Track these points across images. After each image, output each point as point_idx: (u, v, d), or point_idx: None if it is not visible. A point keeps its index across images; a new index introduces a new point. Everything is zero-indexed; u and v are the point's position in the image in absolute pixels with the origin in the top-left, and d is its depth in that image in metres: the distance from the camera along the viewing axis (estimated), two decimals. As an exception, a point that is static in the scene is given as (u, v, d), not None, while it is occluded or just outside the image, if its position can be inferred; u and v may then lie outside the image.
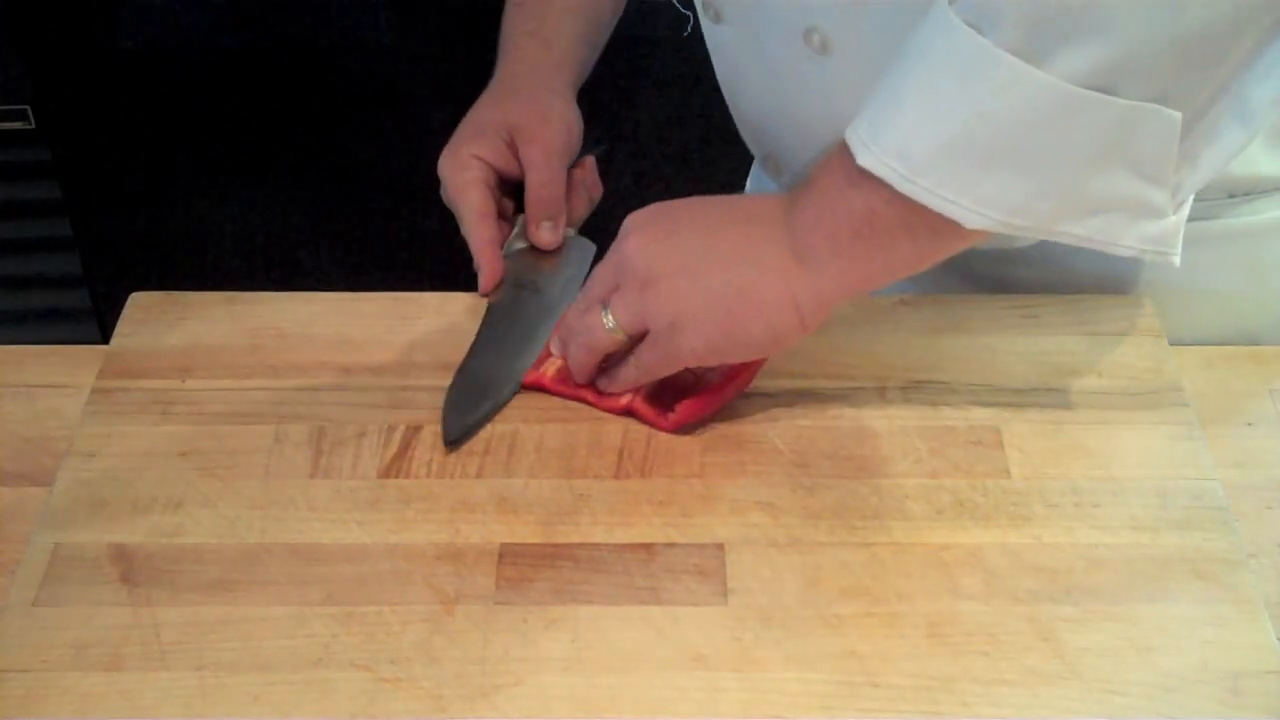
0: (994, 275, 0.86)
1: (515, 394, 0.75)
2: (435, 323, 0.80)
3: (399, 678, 0.62)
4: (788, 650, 0.63)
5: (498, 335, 0.78)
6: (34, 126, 1.57)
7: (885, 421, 0.74)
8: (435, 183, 0.84)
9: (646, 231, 0.71)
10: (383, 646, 0.63)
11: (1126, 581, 0.66)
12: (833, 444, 0.73)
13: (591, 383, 0.74)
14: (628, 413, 0.74)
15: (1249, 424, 0.76)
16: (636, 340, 0.72)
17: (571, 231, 0.85)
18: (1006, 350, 0.78)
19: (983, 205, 0.62)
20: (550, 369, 0.76)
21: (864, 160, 0.63)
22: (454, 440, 0.72)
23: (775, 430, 0.73)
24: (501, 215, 0.84)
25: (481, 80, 0.89)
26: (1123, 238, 0.64)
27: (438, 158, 0.84)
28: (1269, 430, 0.76)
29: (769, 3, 0.79)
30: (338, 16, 1.54)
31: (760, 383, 0.76)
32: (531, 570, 0.66)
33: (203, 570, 0.66)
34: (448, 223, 0.84)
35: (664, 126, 1.59)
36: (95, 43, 1.55)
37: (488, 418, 0.74)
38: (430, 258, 1.60)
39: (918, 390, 0.75)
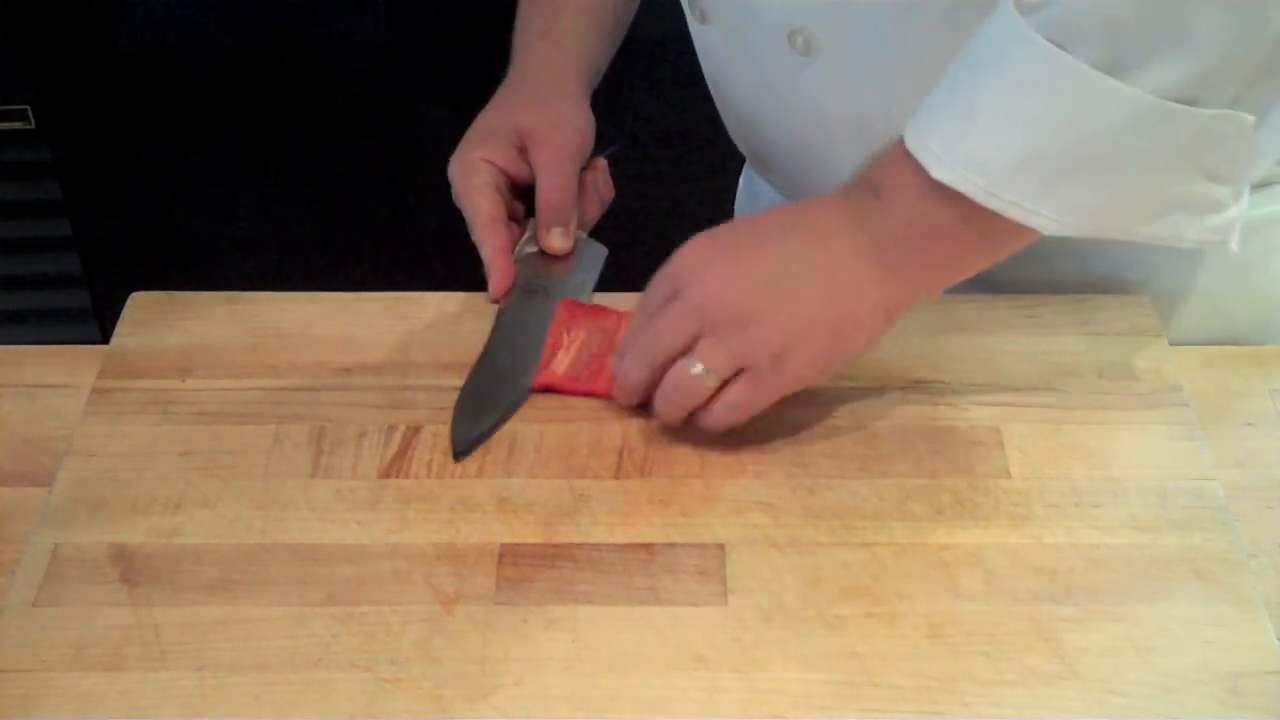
0: (989, 275, 0.86)
1: (525, 400, 0.75)
2: (435, 323, 0.80)
3: (399, 678, 0.62)
4: (788, 650, 0.63)
5: (508, 340, 0.78)
6: (34, 126, 1.57)
7: (885, 421, 0.74)
8: (435, 183, 0.84)
9: (721, 268, 0.69)
10: (383, 646, 0.63)
11: (1127, 581, 0.66)
12: (833, 444, 0.73)
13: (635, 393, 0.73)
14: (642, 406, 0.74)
15: (1249, 424, 0.76)
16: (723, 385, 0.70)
17: (583, 234, 0.84)
18: (1006, 350, 0.78)
19: (1063, 213, 0.63)
20: (560, 367, 0.76)
21: (940, 174, 0.64)
22: (462, 451, 0.72)
23: (775, 430, 0.73)
24: (512, 218, 0.83)
25: (481, 80, 0.88)
26: (1187, 231, 0.65)
27: (437, 158, 0.84)
28: (1269, 430, 0.76)
29: (754, 4, 0.79)
30: (338, 16, 1.54)
31: (760, 383, 0.76)
32: (531, 570, 0.66)
33: (203, 570, 0.66)
34: (448, 223, 0.84)
35: (659, 126, 1.59)
36: (95, 43, 1.55)
37: (497, 426, 0.73)
38: (430, 258, 1.60)
39: (918, 390, 0.75)
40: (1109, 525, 0.68)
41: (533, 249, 0.83)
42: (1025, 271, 0.85)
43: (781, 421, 0.74)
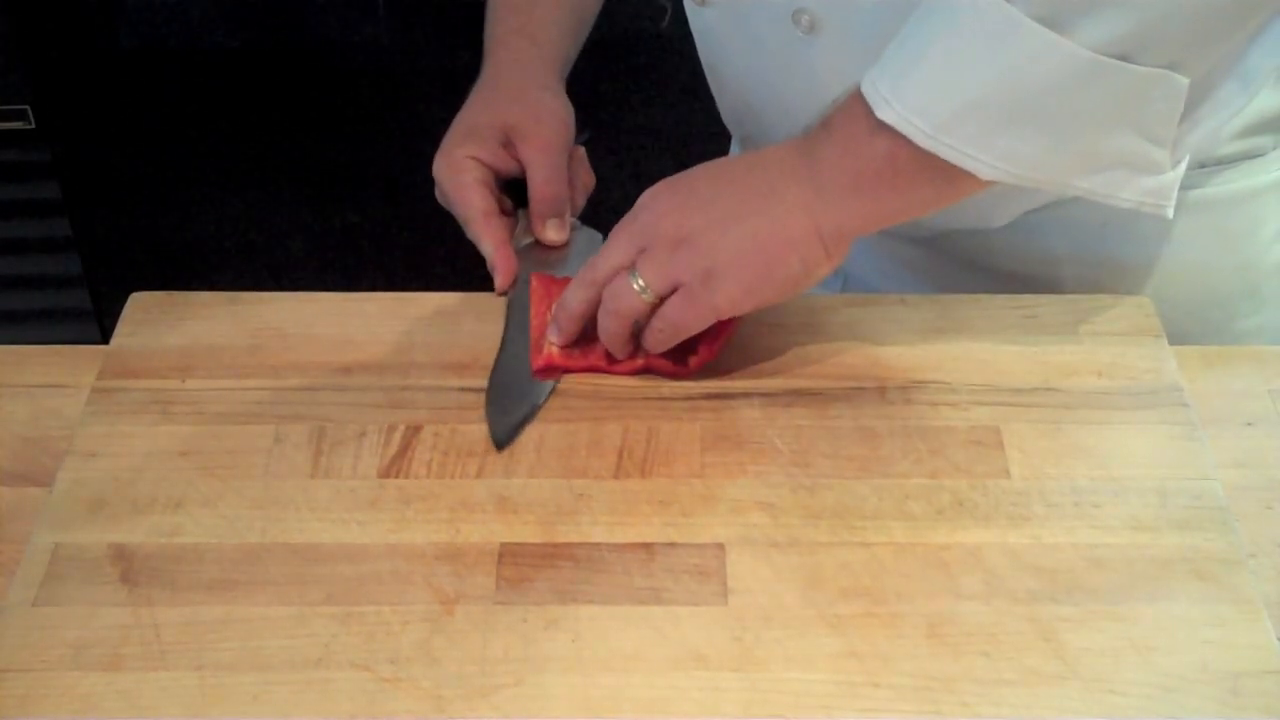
0: (975, 256, 0.87)
1: (555, 387, 0.76)
2: (435, 323, 0.80)
3: (399, 678, 0.62)
4: (788, 650, 0.63)
5: (524, 328, 0.78)
6: (34, 126, 1.58)
7: (885, 421, 0.74)
8: (435, 183, 0.84)
9: (667, 196, 0.73)
10: (383, 646, 0.63)
11: (1126, 581, 0.66)
12: (833, 444, 0.73)
13: (625, 354, 0.75)
14: (646, 371, 0.75)
15: (1249, 424, 0.76)
16: (661, 303, 0.72)
17: (576, 222, 0.85)
18: (1006, 350, 0.78)
19: (1000, 160, 0.65)
20: (554, 348, 0.76)
21: (884, 115, 0.66)
22: (503, 442, 0.72)
23: (775, 430, 0.73)
24: (502, 212, 0.84)
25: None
26: (1124, 190, 0.67)
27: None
28: (1269, 430, 0.76)
29: None
30: (338, 16, 1.54)
31: (760, 383, 0.76)
32: (531, 570, 0.66)
33: (203, 570, 0.66)
34: (448, 223, 0.84)
35: (640, 118, 1.59)
36: (95, 43, 1.55)
37: (533, 413, 0.74)
38: (430, 258, 1.60)
39: (918, 390, 0.75)
40: (1109, 525, 0.68)
41: (529, 240, 0.84)
42: (1004, 247, 0.85)
43: (781, 421, 0.74)
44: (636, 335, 0.74)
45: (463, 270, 0.83)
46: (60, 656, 0.63)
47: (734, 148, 1.05)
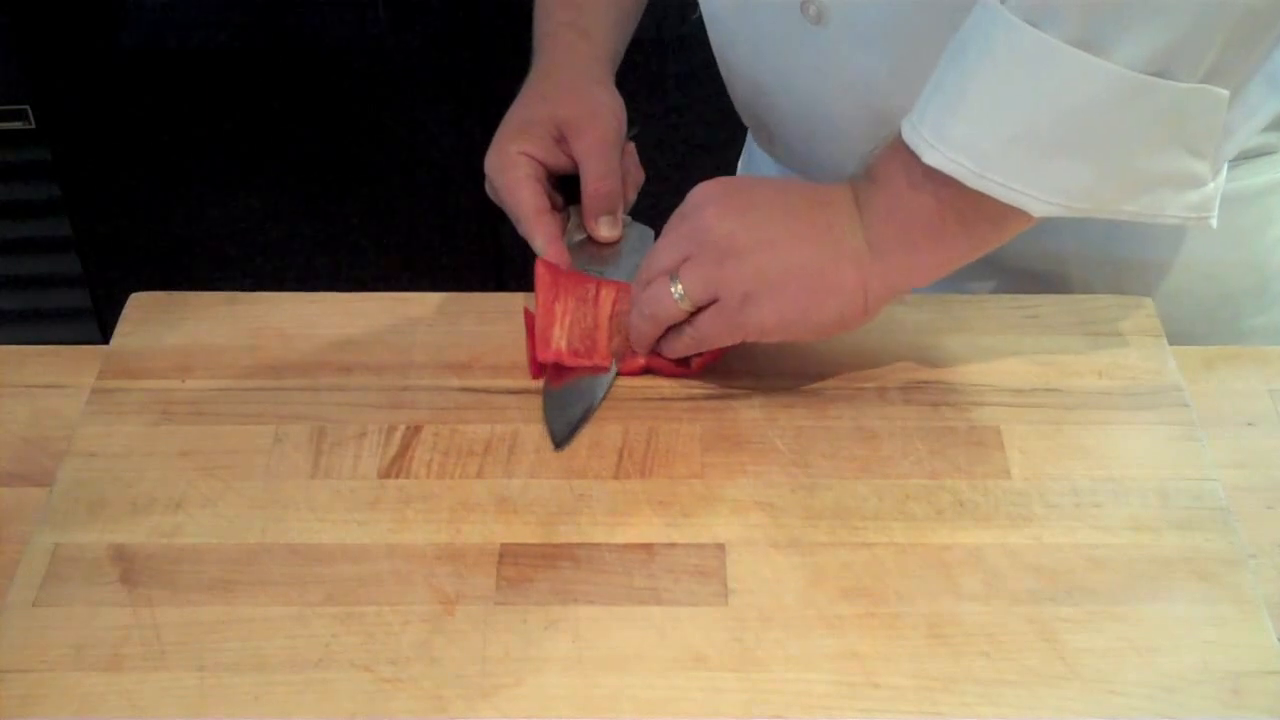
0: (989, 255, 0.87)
1: (614, 380, 0.76)
2: (435, 323, 0.80)
3: (399, 678, 0.62)
4: (788, 650, 0.63)
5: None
6: (34, 126, 1.58)
7: (885, 422, 0.74)
8: (435, 183, 0.84)
9: (723, 204, 0.72)
10: (383, 646, 0.63)
11: (1127, 582, 0.66)
12: (833, 444, 0.73)
13: (650, 354, 0.76)
14: (648, 371, 0.76)
15: (1249, 424, 0.76)
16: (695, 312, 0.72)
17: (628, 218, 0.84)
18: (1006, 350, 0.78)
19: (1049, 193, 0.65)
20: (560, 343, 0.76)
21: (931, 159, 0.65)
22: (562, 441, 0.73)
23: (775, 430, 0.73)
24: (553, 208, 0.83)
25: (481, 80, 0.89)
26: (1169, 209, 0.67)
27: (437, 158, 0.84)
28: (1269, 430, 0.76)
29: None
30: (338, 16, 1.54)
31: (760, 382, 0.76)
32: (531, 570, 0.66)
33: (203, 570, 0.66)
34: (448, 223, 0.84)
35: (659, 118, 1.59)
36: (95, 43, 1.55)
37: (591, 412, 0.74)
38: (430, 258, 1.60)
39: (918, 390, 0.75)
40: (1109, 525, 0.68)
41: (581, 236, 0.83)
42: (1019, 247, 0.86)
43: (781, 421, 0.74)
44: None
45: (463, 270, 0.83)
46: (60, 657, 0.63)
47: (747, 144, 1.05)
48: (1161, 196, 0.66)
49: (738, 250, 0.70)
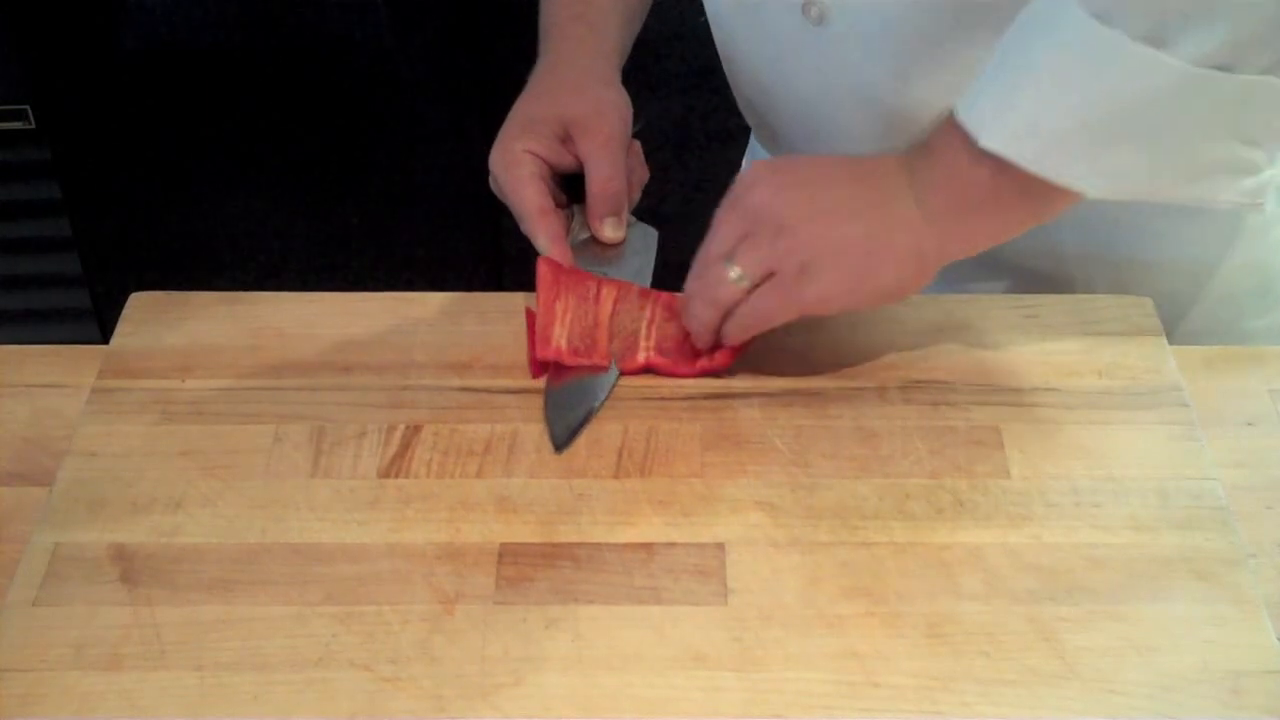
0: (985, 253, 0.87)
1: (616, 382, 0.76)
2: (435, 323, 0.80)
3: (399, 678, 0.62)
4: (788, 650, 0.63)
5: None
6: (34, 126, 1.57)
7: (885, 421, 0.74)
8: (435, 182, 0.84)
9: (772, 181, 0.72)
10: (383, 646, 0.63)
11: (1126, 581, 0.66)
12: (833, 444, 0.73)
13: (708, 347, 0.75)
14: (648, 370, 0.76)
15: (1249, 424, 0.76)
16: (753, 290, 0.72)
17: (632, 218, 0.84)
18: (1006, 350, 0.78)
19: (1105, 178, 0.66)
20: (561, 341, 0.76)
21: (988, 142, 0.66)
22: (563, 444, 0.72)
23: (775, 430, 0.73)
24: (557, 206, 0.82)
25: (481, 80, 0.88)
26: (1223, 194, 0.68)
27: (437, 157, 0.84)
28: (1269, 430, 0.76)
29: None
30: (338, 16, 1.54)
31: (760, 383, 0.76)
32: (531, 570, 0.66)
33: (203, 570, 0.66)
34: (448, 222, 0.84)
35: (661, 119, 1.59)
36: (95, 43, 1.54)
37: (592, 414, 0.74)
38: (430, 258, 1.60)
39: (918, 390, 0.75)
40: (1109, 525, 0.68)
41: (584, 236, 0.82)
42: (1020, 245, 0.86)
43: (781, 421, 0.74)
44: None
45: (463, 270, 0.83)
46: (60, 656, 0.63)
47: (751, 145, 1.05)
48: (1217, 183, 0.67)
49: (791, 223, 0.70)
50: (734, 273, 0.71)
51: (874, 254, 0.70)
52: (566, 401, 0.75)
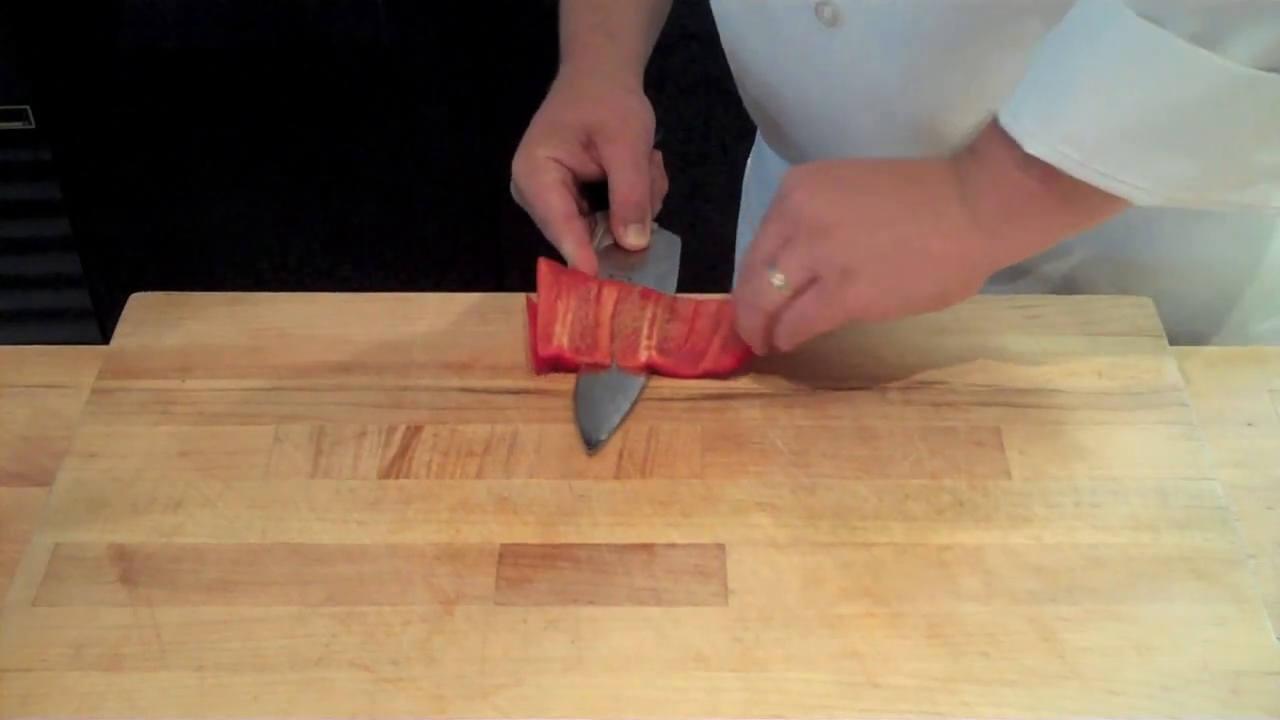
0: None
1: (644, 390, 0.75)
2: (435, 323, 0.80)
3: (399, 678, 0.62)
4: (788, 650, 0.63)
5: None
6: (34, 126, 1.57)
7: (885, 422, 0.74)
8: (435, 183, 0.84)
9: (812, 184, 0.71)
10: (383, 646, 0.63)
11: (1126, 581, 0.66)
12: (833, 444, 0.73)
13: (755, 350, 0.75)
14: (649, 370, 0.76)
15: (1249, 424, 0.76)
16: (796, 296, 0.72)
17: (655, 225, 0.84)
18: (1007, 350, 0.78)
19: (1153, 184, 0.64)
20: (562, 340, 0.76)
21: (1033, 148, 0.65)
22: (595, 443, 0.72)
23: (775, 430, 0.73)
24: (580, 213, 0.82)
25: (481, 80, 0.88)
26: (1274, 200, 0.66)
27: (437, 158, 0.84)
28: (1269, 430, 0.76)
29: None
30: (338, 16, 1.54)
31: (760, 383, 0.76)
32: (531, 570, 0.66)
33: (203, 570, 0.66)
34: (448, 223, 0.84)
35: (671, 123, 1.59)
36: (95, 43, 1.55)
37: (624, 416, 0.74)
38: (430, 258, 1.60)
39: (918, 391, 0.75)
40: (1109, 525, 0.68)
41: (608, 242, 0.82)
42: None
43: (781, 421, 0.74)
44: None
45: (463, 270, 0.83)
46: (60, 656, 0.63)
47: (756, 145, 1.05)
48: (1266, 189, 0.66)
49: (832, 227, 0.69)
50: (777, 279, 0.71)
51: (915, 261, 0.69)
52: (597, 400, 0.74)
